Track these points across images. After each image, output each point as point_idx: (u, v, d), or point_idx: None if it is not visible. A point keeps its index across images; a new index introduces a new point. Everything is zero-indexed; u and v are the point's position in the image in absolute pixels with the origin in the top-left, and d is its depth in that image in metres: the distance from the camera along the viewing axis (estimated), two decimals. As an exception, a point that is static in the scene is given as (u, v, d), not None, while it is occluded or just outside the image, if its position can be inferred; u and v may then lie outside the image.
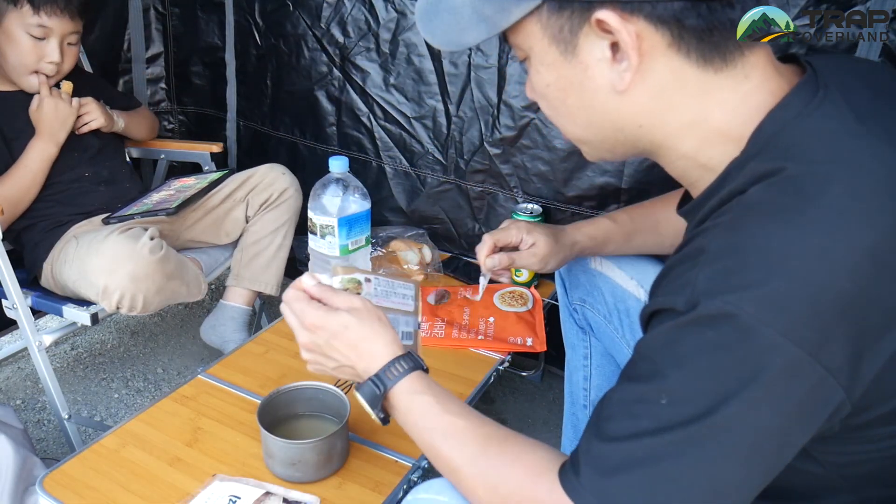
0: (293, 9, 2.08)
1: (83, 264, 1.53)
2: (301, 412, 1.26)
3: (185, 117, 2.51)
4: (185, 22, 2.37)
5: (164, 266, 1.53)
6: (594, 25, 0.69)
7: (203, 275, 1.75)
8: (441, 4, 0.77)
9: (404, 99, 1.98)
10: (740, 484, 0.65)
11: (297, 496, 1.13)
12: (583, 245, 1.30)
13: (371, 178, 2.10)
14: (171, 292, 1.59)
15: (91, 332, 2.29)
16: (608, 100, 0.73)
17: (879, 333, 0.62)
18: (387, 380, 0.88)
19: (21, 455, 1.34)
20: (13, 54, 1.67)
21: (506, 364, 1.53)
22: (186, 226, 1.86)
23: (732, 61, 0.70)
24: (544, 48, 0.74)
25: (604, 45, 0.70)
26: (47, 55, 1.69)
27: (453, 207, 2.02)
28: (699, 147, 0.73)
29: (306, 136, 2.20)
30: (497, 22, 0.74)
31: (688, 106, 0.72)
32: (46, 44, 1.67)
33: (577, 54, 0.72)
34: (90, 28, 2.13)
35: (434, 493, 0.84)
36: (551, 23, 0.72)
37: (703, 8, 0.67)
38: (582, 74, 0.73)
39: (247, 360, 1.51)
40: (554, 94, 0.77)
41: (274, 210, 1.87)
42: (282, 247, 1.89)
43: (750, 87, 0.70)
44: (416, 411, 0.86)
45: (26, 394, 2.00)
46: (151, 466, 1.20)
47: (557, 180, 1.82)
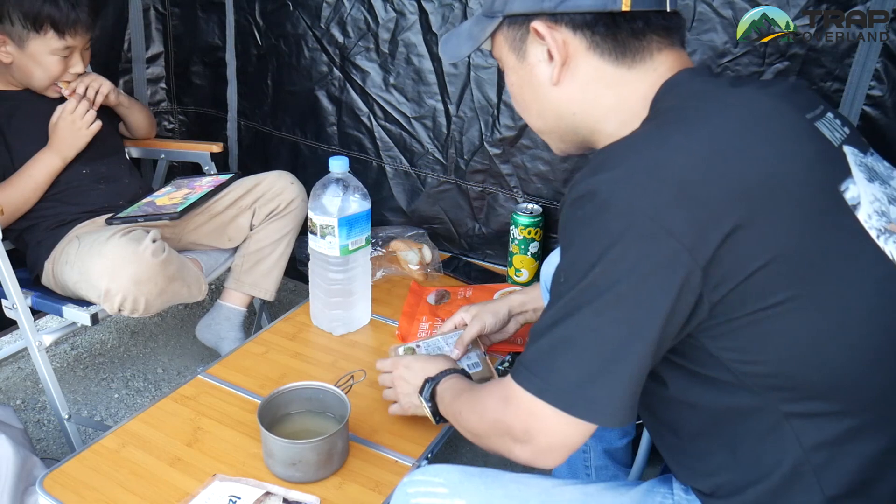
0: (293, 9, 2.08)
1: (84, 266, 1.53)
2: (301, 412, 1.26)
3: (186, 117, 2.51)
4: (185, 22, 2.37)
5: (166, 269, 1.53)
6: (533, 34, 0.89)
7: (204, 276, 1.75)
8: (456, 30, 1.04)
9: (404, 99, 1.98)
10: (623, 345, 0.74)
11: (297, 496, 1.13)
12: None
13: (371, 177, 2.10)
14: (172, 294, 1.59)
15: (91, 332, 2.29)
16: (548, 92, 0.92)
17: (720, 209, 0.72)
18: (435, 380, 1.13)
19: (21, 455, 1.34)
20: (40, 73, 1.69)
21: (506, 364, 1.53)
22: (189, 229, 1.86)
23: (642, 59, 0.87)
24: (507, 55, 0.95)
25: (542, 49, 0.90)
26: (72, 67, 1.72)
27: (453, 207, 2.02)
28: (620, 127, 0.88)
29: (307, 135, 2.20)
30: (478, 37, 0.98)
31: (607, 95, 0.89)
32: (70, 58, 1.71)
33: (526, 58, 0.93)
34: (91, 28, 2.13)
35: (431, 476, 0.92)
36: (509, 34, 0.94)
37: (607, 19, 0.85)
38: (530, 73, 0.93)
39: (247, 360, 1.51)
40: (517, 92, 0.98)
41: (279, 220, 1.87)
42: (283, 255, 1.89)
43: (656, 76, 0.87)
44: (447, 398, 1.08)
45: (26, 394, 2.00)
46: (151, 466, 1.20)
47: (557, 180, 1.82)
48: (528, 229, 1.80)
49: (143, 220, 1.70)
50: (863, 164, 0.85)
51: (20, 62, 1.68)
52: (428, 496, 0.90)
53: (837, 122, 0.89)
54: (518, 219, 1.81)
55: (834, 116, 0.89)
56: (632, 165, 0.75)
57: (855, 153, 0.86)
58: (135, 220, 1.69)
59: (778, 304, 0.74)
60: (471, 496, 0.89)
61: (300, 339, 1.60)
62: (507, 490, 0.89)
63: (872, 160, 0.88)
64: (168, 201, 1.79)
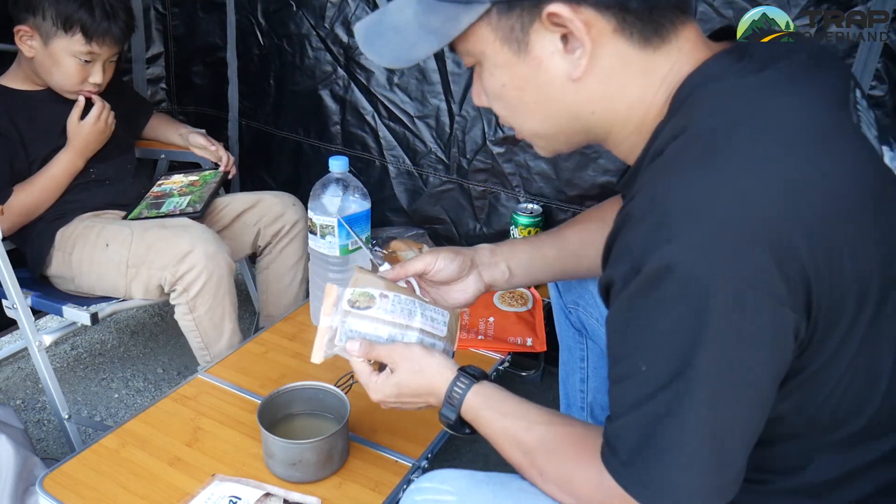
0: (296, 9, 2.08)
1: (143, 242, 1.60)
2: (301, 412, 1.26)
3: (186, 117, 2.50)
4: (185, 22, 2.37)
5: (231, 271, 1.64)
6: (545, 20, 0.72)
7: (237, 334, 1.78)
8: (383, 25, 0.81)
9: (408, 98, 1.99)
10: (737, 420, 0.69)
11: (297, 497, 1.13)
12: None
13: (374, 177, 2.11)
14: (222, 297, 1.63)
15: (91, 332, 2.29)
16: (564, 90, 0.77)
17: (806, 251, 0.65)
18: (450, 411, 0.93)
19: (21, 455, 1.34)
20: (58, 75, 1.68)
21: (506, 364, 1.53)
22: None
23: (668, 39, 0.74)
24: (496, 50, 0.77)
25: (555, 37, 0.74)
26: (92, 77, 1.70)
27: (455, 207, 2.02)
28: (641, 122, 0.78)
29: (310, 135, 2.20)
30: (447, 31, 0.76)
31: (633, 86, 0.76)
32: (91, 66, 1.69)
33: (529, 51, 0.75)
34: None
35: (438, 482, 0.87)
36: (501, 24, 0.75)
37: None
38: (536, 69, 0.76)
39: (247, 360, 1.51)
40: (510, 94, 0.80)
41: (289, 245, 1.90)
42: (303, 279, 1.93)
43: (682, 60, 0.75)
44: (483, 426, 0.91)
45: (26, 394, 2.00)
46: (151, 466, 1.20)
47: (560, 179, 1.82)
48: (528, 229, 1.80)
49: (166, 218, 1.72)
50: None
51: (41, 59, 1.66)
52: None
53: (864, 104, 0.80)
54: (518, 219, 1.81)
55: (861, 96, 0.80)
56: (706, 227, 0.65)
57: (892, 157, 0.79)
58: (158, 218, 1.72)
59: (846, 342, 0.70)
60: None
61: (300, 339, 1.60)
62: (516, 499, 0.86)
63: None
64: (178, 196, 1.82)
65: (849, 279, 0.68)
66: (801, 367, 0.71)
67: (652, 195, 0.69)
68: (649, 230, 0.67)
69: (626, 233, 0.70)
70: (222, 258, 1.60)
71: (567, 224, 1.20)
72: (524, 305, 1.67)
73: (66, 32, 1.62)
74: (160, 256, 1.58)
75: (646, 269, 0.66)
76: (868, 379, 0.74)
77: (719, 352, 0.66)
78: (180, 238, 1.59)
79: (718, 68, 0.74)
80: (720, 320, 0.64)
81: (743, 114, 0.70)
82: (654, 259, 0.65)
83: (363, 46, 0.82)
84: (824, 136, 0.70)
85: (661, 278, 0.65)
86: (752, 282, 0.64)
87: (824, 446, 0.77)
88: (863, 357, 0.72)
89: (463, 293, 1.12)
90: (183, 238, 1.58)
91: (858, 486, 0.78)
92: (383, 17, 0.81)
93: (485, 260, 1.13)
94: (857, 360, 0.72)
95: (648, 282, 0.66)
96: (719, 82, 0.72)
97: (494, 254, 1.14)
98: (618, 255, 0.71)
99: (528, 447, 0.85)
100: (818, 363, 0.71)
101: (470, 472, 0.89)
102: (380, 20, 0.81)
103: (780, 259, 0.64)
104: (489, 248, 1.15)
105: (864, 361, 0.72)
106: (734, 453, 0.70)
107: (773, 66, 0.72)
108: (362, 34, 0.83)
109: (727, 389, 0.67)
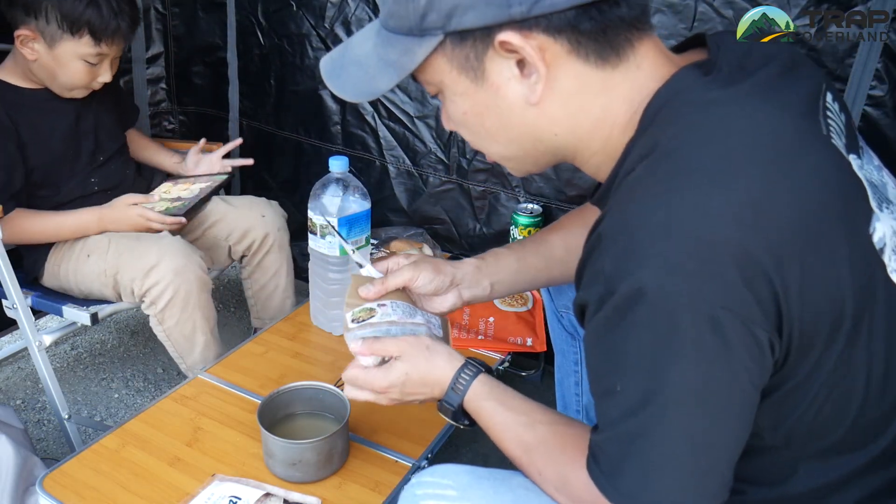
0: (297, 9, 2.08)
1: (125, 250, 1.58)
2: (301, 412, 1.26)
3: (186, 117, 2.50)
4: (185, 22, 2.37)
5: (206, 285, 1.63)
6: (498, 48, 0.73)
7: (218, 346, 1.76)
8: (346, 58, 0.82)
9: (408, 98, 1.99)
10: (717, 436, 0.70)
11: (297, 497, 1.13)
12: None
13: (374, 177, 2.10)
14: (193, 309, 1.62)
15: (91, 332, 2.29)
16: (524, 114, 0.77)
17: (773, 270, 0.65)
18: (454, 398, 0.94)
19: (21, 455, 1.34)
20: (64, 77, 1.61)
21: (506, 364, 1.53)
22: None
23: (625, 55, 0.74)
24: (454, 79, 0.77)
25: (511, 63, 0.74)
26: (101, 77, 1.65)
27: (454, 207, 2.02)
28: (607, 140, 0.78)
29: (311, 135, 2.20)
30: (404, 64, 0.77)
31: (593, 105, 0.76)
32: (99, 66, 1.63)
33: (486, 78, 0.76)
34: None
35: (439, 477, 0.88)
36: (456, 54, 0.75)
37: (593, 11, 0.71)
38: (495, 96, 0.77)
39: (247, 360, 1.51)
40: (472, 120, 0.81)
41: (266, 257, 1.87)
42: (288, 286, 1.92)
43: (641, 76, 0.75)
44: (485, 417, 0.92)
45: (26, 394, 2.00)
46: (151, 466, 1.20)
47: (560, 179, 1.81)
48: (528, 229, 1.80)
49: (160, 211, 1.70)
50: (869, 182, 0.79)
51: (45, 61, 1.58)
52: (436, 498, 0.87)
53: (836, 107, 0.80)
54: (518, 219, 1.81)
55: (833, 99, 0.81)
56: (674, 250, 0.65)
57: (860, 167, 0.79)
58: None
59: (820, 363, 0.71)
60: (480, 500, 0.86)
61: (300, 339, 1.60)
62: (516, 494, 0.86)
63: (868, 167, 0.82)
64: (170, 204, 1.79)
65: (820, 296, 0.68)
66: (776, 384, 0.71)
67: (622, 217, 0.70)
68: (621, 254, 0.68)
69: (598, 255, 0.70)
70: (191, 272, 1.56)
71: (551, 228, 1.19)
72: (524, 305, 1.67)
73: (73, 35, 1.54)
74: (129, 268, 1.56)
75: (619, 292, 0.67)
76: (845, 393, 0.74)
77: (693, 373, 0.66)
78: (148, 251, 1.55)
79: (685, 84, 0.74)
80: (692, 343, 0.65)
81: (709, 132, 0.70)
82: (627, 283, 0.66)
83: (328, 81, 0.83)
84: (791, 151, 0.70)
85: (635, 301, 0.66)
86: (724, 303, 0.64)
87: (806, 457, 0.78)
88: (839, 373, 0.72)
89: (440, 305, 1.12)
90: (151, 251, 1.55)
91: (844, 495, 0.79)
92: (346, 51, 0.83)
93: (467, 279, 1.12)
94: (834, 378, 0.72)
95: (622, 305, 0.67)
96: (686, 98, 0.73)
97: (479, 271, 1.13)
98: (591, 277, 0.72)
99: (529, 445, 0.86)
100: (794, 381, 0.71)
101: (471, 467, 0.90)
102: (342, 54, 0.83)
103: (749, 278, 0.64)
104: (475, 264, 1.13)
105: (840, 377, 0.72)
106: (716, 467, 0.71)
107: (741, 81, 0.73)
108: (327, 69, 0.84)
109: (703, 408, 0.68)
